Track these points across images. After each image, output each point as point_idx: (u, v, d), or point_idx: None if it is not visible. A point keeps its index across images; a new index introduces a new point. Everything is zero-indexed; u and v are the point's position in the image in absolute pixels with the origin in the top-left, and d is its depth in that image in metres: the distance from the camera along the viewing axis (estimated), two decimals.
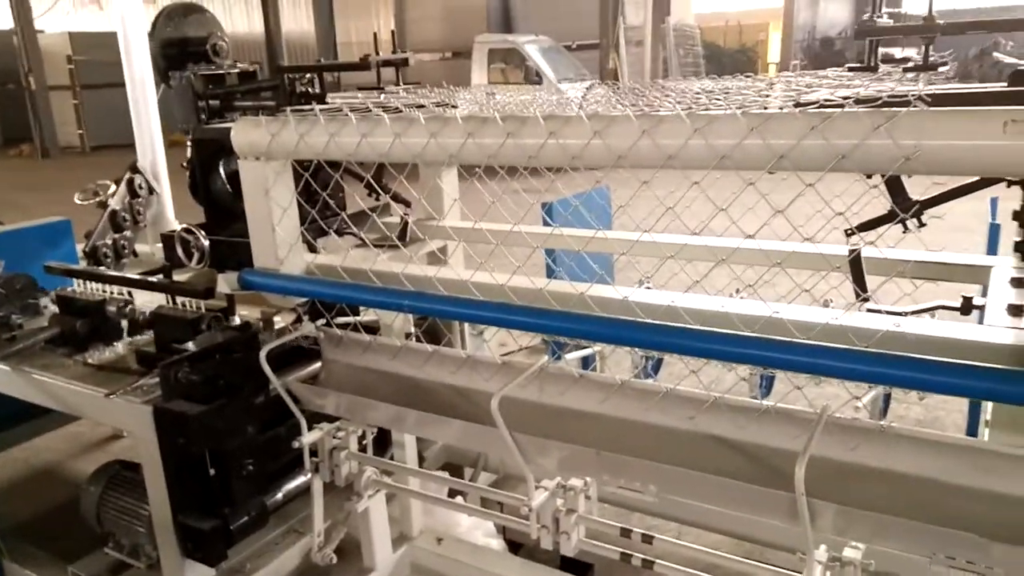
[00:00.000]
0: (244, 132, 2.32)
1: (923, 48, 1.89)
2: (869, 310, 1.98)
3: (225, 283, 2.40)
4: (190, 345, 2.44)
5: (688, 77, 21.03)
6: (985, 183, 1.79)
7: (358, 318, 2.46)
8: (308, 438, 2.34)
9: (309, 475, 2.42)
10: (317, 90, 2.74)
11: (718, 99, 1.86)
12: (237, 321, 2.56)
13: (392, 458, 2.74)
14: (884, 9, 2.05)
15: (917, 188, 1.93)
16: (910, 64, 1.79)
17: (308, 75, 2.71)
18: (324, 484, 2.40)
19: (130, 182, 3.69)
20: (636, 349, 2.73)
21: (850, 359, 1.55)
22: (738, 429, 1.77)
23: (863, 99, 1.53)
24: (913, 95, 1.48)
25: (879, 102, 1.50)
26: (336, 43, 23.28)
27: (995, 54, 20.99)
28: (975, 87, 1.68)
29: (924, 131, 1.41)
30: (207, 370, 2.25)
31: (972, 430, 3.30)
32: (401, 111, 2.18)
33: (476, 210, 2.94)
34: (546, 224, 3.84)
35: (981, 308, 1.86)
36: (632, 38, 18.61)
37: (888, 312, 1.97)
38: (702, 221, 1.96)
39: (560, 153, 1.80)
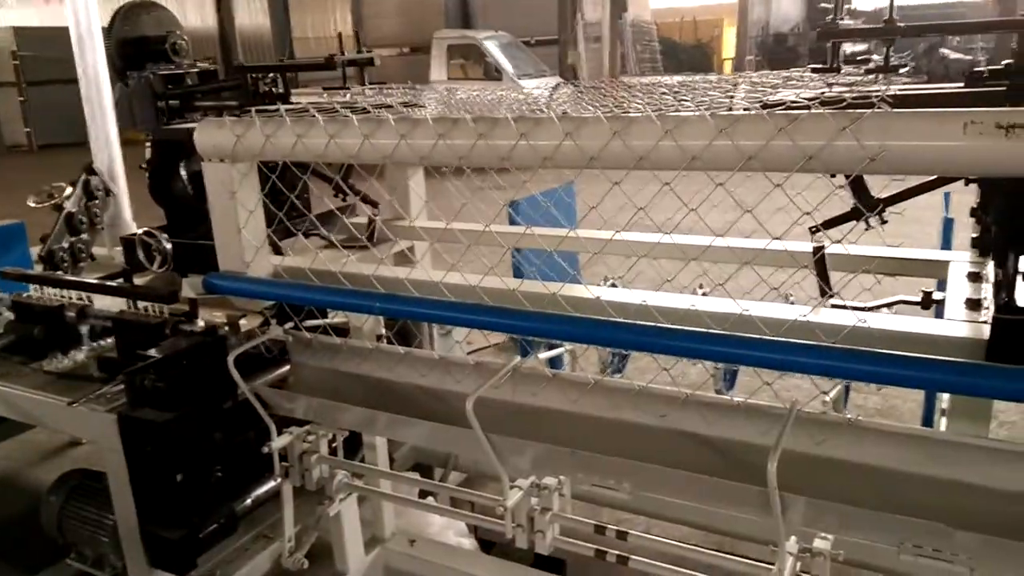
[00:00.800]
0: (208, 134, 2.29)
1: (877, 46, 1.94)
2: (834, 306, 2.02)
3: (189, 287, 2.36)
4: (154, 351, 2.39)
5: (646, 73, 21.27)
6: (943, 181, 1.84)
7: (327, 320, 2.44)
8: (278, 443, 2.32)
9: (279, 480, 2.40)
10: (280, 90, 2.71)
11: (685, 99, 1.88)
12: (202, 325, 2.52)
13: (363, 460, 2.73)
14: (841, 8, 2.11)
15: (877, 185, 1.98)
16: (871, 65, 1.84)
17: (270, 75, 2.67)
18: (294, 488, 2.39)
19: (86, 184, 3.60)
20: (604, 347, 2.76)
21: (819, 355, 1.59)
22: (708, 425, 1.80)
23: (828, 100, 1.56)
24: (876, 97, 1.52)
25: (844, 104, 1.54)
26: (292, 38, 22.96)
27: (942, 50, 21.60)
28: (935, 88, 1.73)
29: (888, 132, 1.45)
30: (173, 376, 2.21)
31: (928, 419, 3.39)
32: (369, 112, 2.17)
33: (442, 208, 2.94)
34: (513, 222, 3.87)
35: (940, 302, 1.91)
36: (590, 34, 18.73)
37: (852, 308, 2.01)
38: (669, 218, 1.99)
39: (531, 154, 1.81)
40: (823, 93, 1.65)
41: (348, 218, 2.90)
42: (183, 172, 2.87)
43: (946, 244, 3.15)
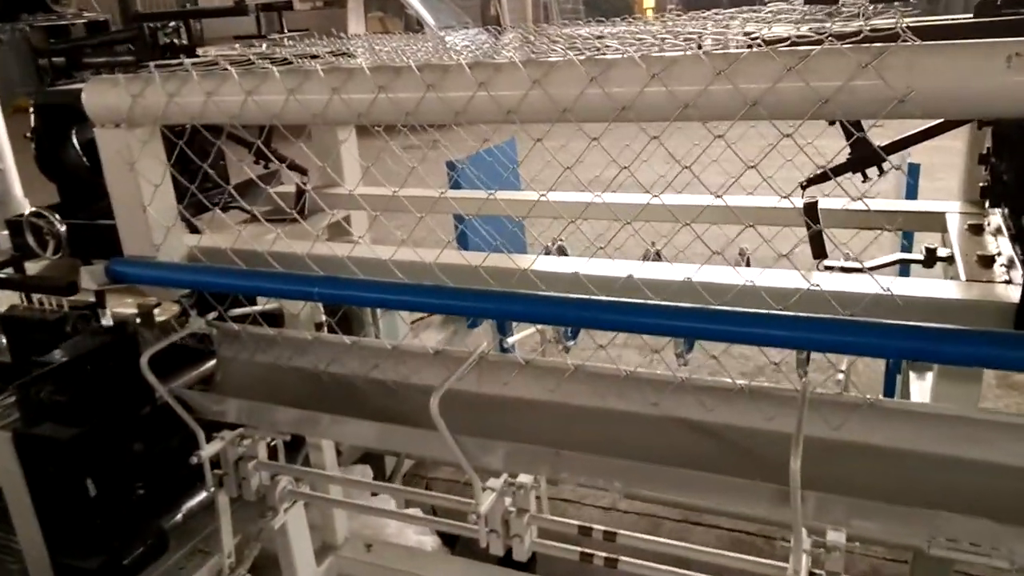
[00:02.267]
0: (98, 94, 1.92)
1: None
2: (826, 267, 1.83)
3: (90, 276, 2.02)
4: (55, 353, 2.04)
5: (568, 23, 20.86)
6: (951, 124, 1.65)
7: (257, 308, 2.13)
8: (207, 451, 2.02)
9: (212, 490, 2.11)
10: (184, 41, 2.34)
11: (667, 38, 1.63)
12: (108, 320, 2.18)
13: (307, 458, 2.46)
14: None
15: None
16: None
17: (172, 24, 2.30)
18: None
19: None
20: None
21: (837, 330, 1.38)
22: (707, 411, 1.59)
23: (840, 34, 1.34)
24: (901, 27, 1.30)
25: (860, 37, 1.31)
26: None
27: None
28: (943, 19, 1.53)
29: (918, 69, 1.23)
30: (77, 385, 1.89)
31: (890, 389, 3.30)
32: (292, 63, 1.85)
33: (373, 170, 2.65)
34: (455, 184, 3.57)
35: (946, 260, 1.75)
36: None
37: (847, 270, 1.83)
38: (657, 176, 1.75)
39: (492, 107, 1.53)
40: (828, 27, 1.41)
41: (273, 187, 2.56)
42: (75, 140, 2.47)
43: (911, 193, 3.02)
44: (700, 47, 1.40)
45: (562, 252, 3.08)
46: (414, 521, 1.97)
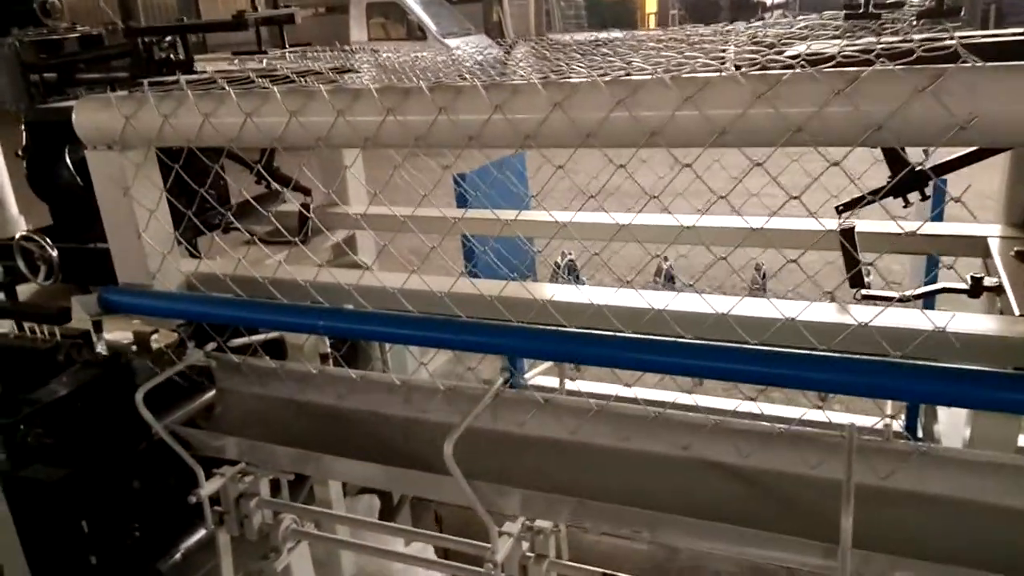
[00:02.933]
0: (89, 114, 1.82)
1: None
2: (864, 296, 1.72)
3: (81, 307, 1.91)
4: (44, 390, 1.93)
5: (569, 28, 20.78)
6: (1000, 148, 1.55)
7: (257, 337, 2.02)
8: (207, 489, 1.91)
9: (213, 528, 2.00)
10: (180, 56, 2.23)
11: (694, 55, 1.52)
12: (102, 349, 2.07)
13: (311, 490, 2.34)
14: None
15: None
16: (915, 6, 1.52)
17: (168, 38, 2.19)
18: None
19: None
20: None
21: (898, 376, 1.27)
22: (743, 456, 1.48)
23: (890, 53, 1.23)
24: (958, 46, 1.19)
25: (914, 57, 1.20)
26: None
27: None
28: (994, 34, 1.42)
29: (980, 93, 1.13)
30: (68, 423, 1.78)
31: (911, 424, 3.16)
32: (293, 80, 1.75)
33: (376, 182, 2.54)
34: (461, 197, 3.47)
35: (993, 290, 1.64)
36: None
37: (886, 299, 1.72)
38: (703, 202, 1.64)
39: (508, 131, 1.43)
40: (875, 45, 1.31)
41: (276, 206, 2.45)
42: (68, 160, 2.37)
43: (936, 216, 2.89)
44: (739, 67, 1.28)
45: (572, 269, 2.98)
46: (424, 565, 1.86)
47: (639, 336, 1.42)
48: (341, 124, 1.55)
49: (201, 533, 2.17)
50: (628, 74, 1.40)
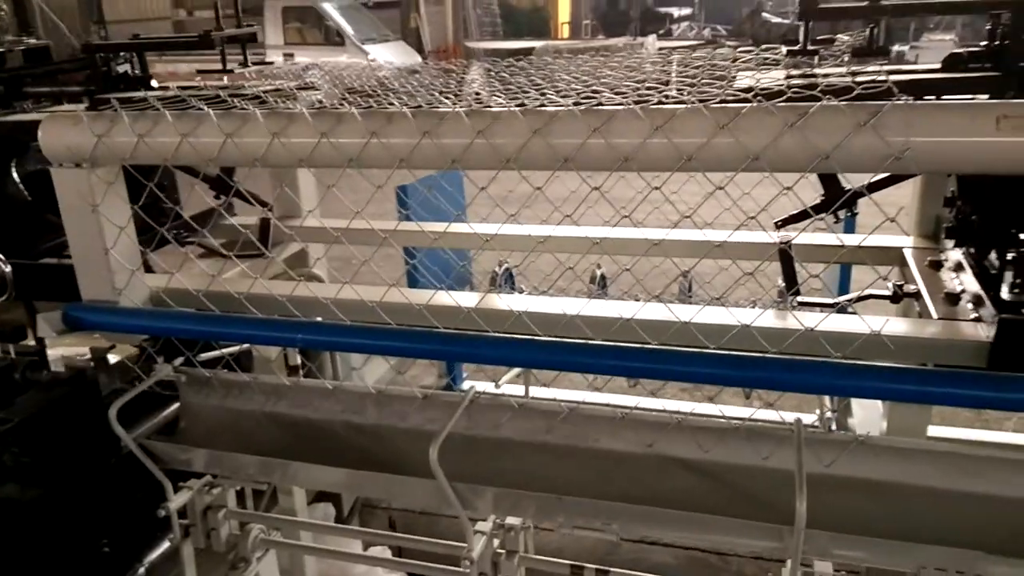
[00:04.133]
0: (57, 132, 1.81)
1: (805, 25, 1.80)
2: (800, 303, 1.90)
3: (47, 324, 1.89)
4: (11, 409, 1.91)
5: (486, 37, 20.97)
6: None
7: (226, 351, 2.05)
8: (175, 503, 1.93)
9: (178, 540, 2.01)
10: (139, 72, 2.23)
11: (653, 86, 1.66)
12: (58, 367, 2.06)
13: (273, 498, 2.37)
14: None
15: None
16: (845, 46, 1.70)
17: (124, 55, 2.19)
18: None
19: None
20: None
21: (821, 372, 1.45)
22: (703, 451, 1.62)
23: (833, 89, 1.39)
24: (891, 83, 1.37)
25: (854, 94, 1.37)
26: (100, 2, 20.67)
27: (764, 14, 22.84)
28: (919, 70, 1.61)
29: (914, 127, 1.30)
30: (37, 443, 1.77)
31: None
32: (266, 101, 1.80)
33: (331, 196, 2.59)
34: (403, 205, 3.55)
35: (912, 296, 1.84)
36: None
37: (818, 304, 1.90)
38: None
39: (491, 154, 1.53)
40: (825, 79, 1.47)
41: (223, 220, 2.47)
42: (15, 174, 2.32)
43: (849, 228, 3.14)
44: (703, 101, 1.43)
45: (509, 275, 3.10)
46: (396, 567, 1.93)
47: (605, 344, 1.55)
48: (325, 145, 1.61)
49: (167, 545, 2.18)
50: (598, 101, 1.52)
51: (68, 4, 19.27)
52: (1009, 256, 1.58)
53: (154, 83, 2.23)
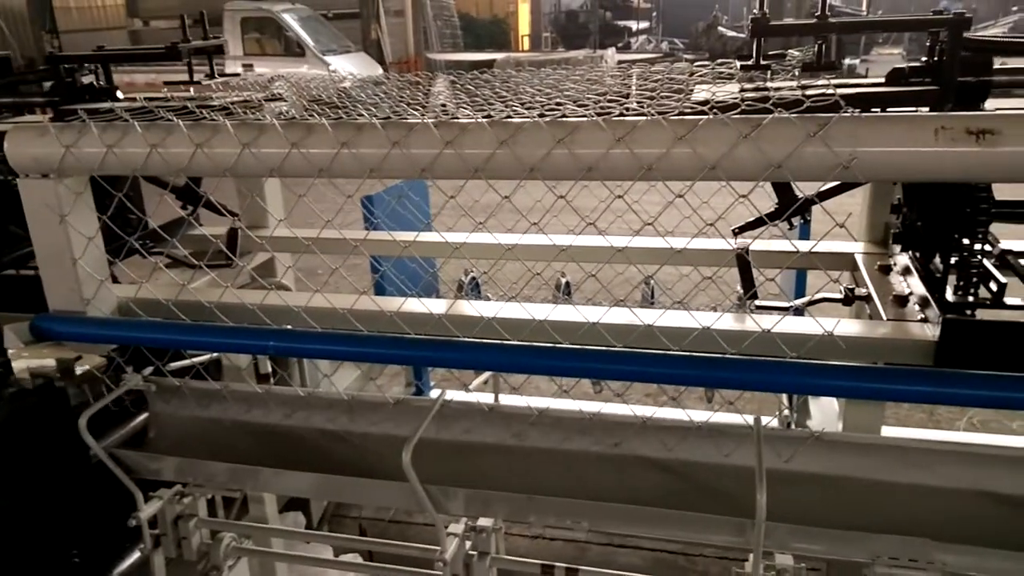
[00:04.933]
0: (23, 143, 1.82)
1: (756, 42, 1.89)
2: (758, 307, 1.97)
3: (14, 334, 1.89)
4: None
5: (447, 49, 21.06)
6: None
7: (196, 360, 2.06)
8: (146, 512, 1.93)
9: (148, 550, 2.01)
10: (103, 83, 2.23)
11: (614, 99, 1.73)
12: (23, 376, 2.04)
13: (245, 507, 2.37)
14: None
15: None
16: (796, 61, 1.79)
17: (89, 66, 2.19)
18: None
19: None
20: None
21: (778, 371, 1.52)
22: (667, 450, 1.68)
23: (784, 102, 1.47)
24: (838, 97, 1.45)
25: (803, 107, 1.45)
26: (52, 7, 20.29)
27: (719, 28, 23.31)
28: (864, 84, 1.70)
29: (859, 138, 1.38)
30: (4, 453, 1.76)
31: None
32: (233, 113, 1.83)
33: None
34: (369, 216, 3.58)
35: (863, 299, 1.93)
36: (391, 8, 18.19)
37: (774, 308, 1.98)
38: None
39: (459, 164, 1.58)
40: (774, 93, 1.55)
41: (191, 229, 2.47)
42: None
43: (803, 234, 3.26)
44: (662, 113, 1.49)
45: (475, 284, 3.15)
46: (370, 571, 1.95)
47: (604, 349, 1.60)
48: (295, 155, 1.65)
49: (137, 555, 2.17)
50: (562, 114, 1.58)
51: (18, 13, 18.92)
52: (952, 260, 1.67)
53: (119, 94, 2.24)
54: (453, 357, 1.71)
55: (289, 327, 1.82)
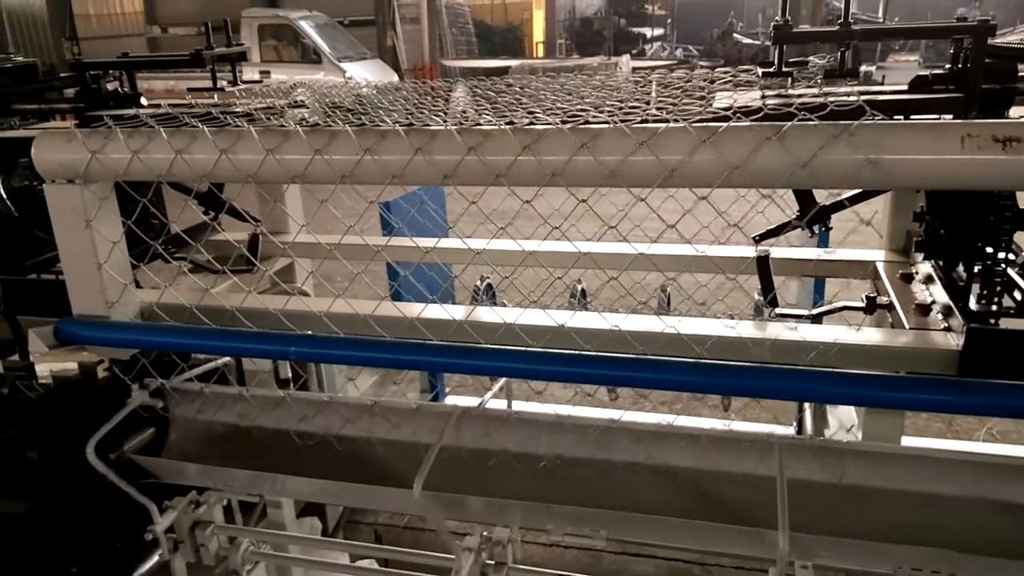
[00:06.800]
0: (51, 149, 1.84)
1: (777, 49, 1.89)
2: (778, 315, 1.96)
3: (38, 338, 1.91)
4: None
5: (461, 56, 21.14)
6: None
7: (212, 364, 2.06)
8: (162, 523, 1.94)
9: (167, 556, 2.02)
10: (128, 90, 2.26)
11: (635, 105, 1.73)
12: (46, 380, 2.06)
13: (264, 511, 2.38)
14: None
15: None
16: (817, 68, 1.78)
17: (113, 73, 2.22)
18: None
19: None
20: None
21: (796, 380, 1.51)
22: (690, 459, 1.68)
23: (808, 107, 1.47)
24: (863, 102, 1.45)
25: (827, 111, 1.45)
26: (71, 15, 20.55)
27: (735, 35, 23.23)
28: (888, 91, 1.69)
29: (884, 145, 1.38)
30: (23, 459, 1.78)
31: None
32: (258, 119, 1.84)
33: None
34: (386, 223, 3.59)
35: (885, 307, 1.91)
36: (407, 15, 18.29)
37: (795, 316, 1.97)
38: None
39: (482, 170, 1.58)
40: (799, 99, 1.55)
41: (210, 234, 2.49)
42: (1, 191, 2.34)
43: (823, 243, 3.24)
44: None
45: (489, 289, 3.15)
46: None
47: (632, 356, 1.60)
48: (318, 161, 1.65)
49: (154, 562, 2.18)
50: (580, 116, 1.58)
51: (39, 21, 19.16)
52: (976, 268, 1.66)
53: (143, 100, 2.26)
54: (477, 364, 1.71)
55: (310, 332, 1.82)
